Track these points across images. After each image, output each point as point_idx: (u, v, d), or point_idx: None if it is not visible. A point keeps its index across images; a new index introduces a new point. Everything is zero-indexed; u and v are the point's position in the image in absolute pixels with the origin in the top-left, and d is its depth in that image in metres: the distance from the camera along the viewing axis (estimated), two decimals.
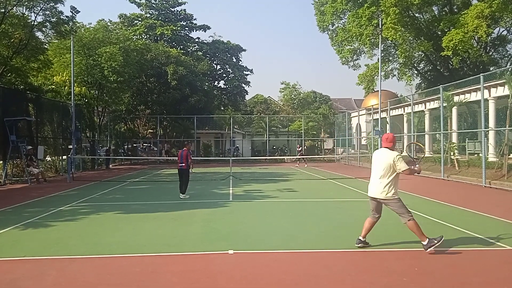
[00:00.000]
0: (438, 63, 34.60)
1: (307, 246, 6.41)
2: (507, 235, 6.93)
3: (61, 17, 19.90)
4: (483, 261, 5.58)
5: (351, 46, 36.33)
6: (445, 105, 18.72)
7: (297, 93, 48.42)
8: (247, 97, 49.83)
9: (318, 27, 37.87)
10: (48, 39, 21.42)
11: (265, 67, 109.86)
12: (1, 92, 17.34)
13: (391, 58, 36.32)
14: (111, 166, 28.17)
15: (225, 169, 22.30)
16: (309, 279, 4.89)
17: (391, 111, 27.29)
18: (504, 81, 16.32)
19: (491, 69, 28.77)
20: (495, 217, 8.56)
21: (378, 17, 26.19)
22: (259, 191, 13.66)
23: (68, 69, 24.19)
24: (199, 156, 33.95)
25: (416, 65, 36.36)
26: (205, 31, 46.78)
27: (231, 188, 14.51)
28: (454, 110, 20.22)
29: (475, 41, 28.73)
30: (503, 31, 32.27)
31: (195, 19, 45.75)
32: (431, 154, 23.74)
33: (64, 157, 22.35)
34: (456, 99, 19.87)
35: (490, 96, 18.81)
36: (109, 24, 32.72)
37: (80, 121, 24.91)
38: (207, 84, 39.70)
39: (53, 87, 23.85)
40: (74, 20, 22.04)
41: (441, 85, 19.12)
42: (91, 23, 29.45)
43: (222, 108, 45.26)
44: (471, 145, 21.23)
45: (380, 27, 25.18)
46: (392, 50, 35.55)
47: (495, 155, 17.40)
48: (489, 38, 29.22)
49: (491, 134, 18.24)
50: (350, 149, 34.14)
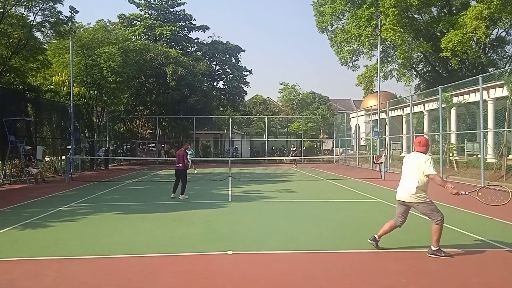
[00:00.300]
0: (437, 64, 34.67)
1: (306, 247, 6.41)
2: (506, 236, 6.95)
3: (60, 17, 19.90)
4: (481, 262, 5.59)
5: (350, 47, 36.39)
6: (444, 106, 18.73)
7: (296, 93, 48.47)
8: (246, 98, 49.83)
9: (317, 27, 37.93)
10: (47, 39, 21.44)
11: (264, 68, 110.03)
12: (0, 92, 17.32)
13: (390, 59, 36.37)
14: (110, 166, 28.13)
15: (224, 169, 22.28)
16: (308, 279, 4.89)
17: (390, 112, 27.29)
18: (503, 82, 16.36)
19: (490, 70, 28.85)
20: (493, 218, 8.56)
21: (377, 18, 26.21)
22: (258, 191, 13.66)
23: (67, 69, 24.17)
24: (198, 157, 33.98)
25: (415, 66, 36.42)
26: (204, 32, 46.79)
27: (230, 189, 14.50)
28: (453, 111, 20.25)
29: (474, 42, 28.79)
30: (502, 32, 32.39)
31: (194, 19, 45.76)
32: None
33: (63, 157, 22.33)
34: (455, 100, 19.89)
35: (489, 97, 18.84)
36: (108, 24, 32.67)
37: (79, 121, 24.88)
38: (206, 84, 39.66)
39: (52, 87, 23.82)
40: (73, 20, 22.06)
41: (440, 86, 19.15)
42: (90, 23, 29.43)
43: (221, 109, 45.26)
44: (470, 146, 21.25)
45: (379, 28, 25.21)
46: (391, 51, 35.60)
47: (493, 156, 17.42)
48: (488, 39, 29.30)
49: (490, 135, 18.27)
50: (349, 150, 34.18)
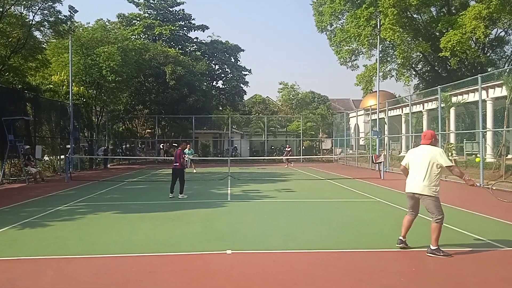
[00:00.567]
0: (436, 64, 34.70)
1: (305, 246, 6.41)
2: (504, 235, 6.96)
3: (59, 16, 19.88)
4: (480, 261, 5.59)
5: (350, 46, 36.44)
6: (443, 105, 18.75)
7: (296, 93, 48.50)
8: (246, 97, 49.88)
9: (317, 27, 37.97)
10: (46, 38, 21.40)
11: (264, 67, 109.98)
12: None
13: (389, 59, 36.41)
14: (109, 166, 28.11)
15: (223, 169, 22.29)
16: (307, 279, 4.89)
17: (389, 111, 27.30)
18: (502, 82, 16.39)
19: (489, 70, 28.88)
20: (492, 217, 8.58)
21: (376, 17, 26.22)
22: (257, 191, 13.66)
23: (66, 69, 24.13)
24: (197, 156, 33.96)
25: (414, 65, 36.45)
26: (203, 31, 46.77)
27: (229, 188, 14.50)
28: (452, 110, 20.28)
29: (473, 42, 28.83)
30: (501, 32, 32.45)
31: (193, 19, 45.75)
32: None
33: (62, 156, 22.31)
34: (454, 100, 19.92)
35: (488, 97, 18.86)
36: (107, 23, 32.57)
37: (78, 120, 24.85)
38: (205, 84, 39.64)
39: (51, 86, 23.79)
40: (72, 20, 22.03)
41: (439, 86, 19.16)
42: (89, 23, 29.34)
43: (221, 108, 45.25)
44: (469, 145, 21.27)
45: (378, 27, 25.22)
46: (390, 50, 35.63)
47: (492, 155, 17.44)
48: (487, 39, 29.35)
49: (489, 135, 18.29)
50: (348, 150, 34.19)
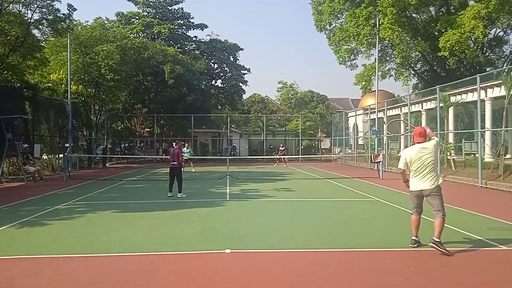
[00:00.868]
0: (435, 63, 34.71)
1: (303, 245, 6.41)
2: (503, 235, 6.97)
3: (58, 14, 19.81)
4: (478, 261, 5.60)
5: (349, 46, 36.41)
6: (441, 105, 18.75)
7: (294, 92, 48.50)
8: (245, 96, 49.87)
9: (316, 26, 37.96)
10: (44, 36, 21.36)
11: (263, 67, 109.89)
12: None
13: (388, 58, 36.40)
14: (107, 164, 28.09)
15: (222, 168, 22.29)
16: (305, 278, 4.89)
17: (388, 111, 27.35)
18: (501, 81, 16.39)
19: (488, 69, 28.89)
20: (491, 217, 8.59)
21: (376, 17, 26.21)
22: (256, 190, 13.66)
23: (64, 67, 24.07)
24: (196, 155, 33.92)
25: (413, 65, 36.46)
26: (202, 30, 46.74)
27: (228, 187, 14.50)
28: (451, 110, 20.28)
29: (471, 41, 28.85)
30: (499, 32, 32.47)
31: (192, 17, 45.67)
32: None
33: (61, 155, 22.28)
34: (453, 99, 19.92)
35: (486, 96, 18.87)
36: (106, 22, 32.60)
37: (77, 119, 24.80)
38: (204, 83, 39.62)
39: (50, 85, 23.71)
40: (71, 18, 21.95)
41: (438, 86, 19.16)
42: (88, 21, 29.45)
43: (219, 107, 45.22)
44: (467, 145, 21.28)
45: (377, 27, 25.21)
46: (389, 50, 35.63)
47: (491, 155, 17.45)
48: (486, 38, 29.36)
49: (488, 135, 18.30)
50: (347, 149, 34.20)
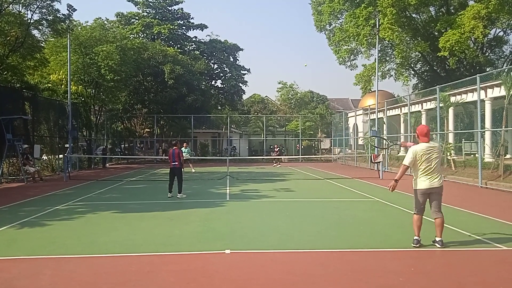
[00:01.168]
0: (435, 63, 34.71)
1: (303, 246, 6.41)
2: (503, 235, 6.96)
3: (58, 15, 19.82)
4: (479, 261, 5.60)
5: (348, 46, 36.39)
6: (441, 105, 18.76)
7: (294, 92, 48.50)
8: (244, 97, 49.86)
9: (316, 27, 37.95)
10: (44, 37, 21.34)
11: (262, 67, 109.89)
12: None
13: (388, 59, 36.39)
14: (107, 165, 28.09)
15: (222, 168, 22.28)
16: (305, 278, 4.89)
17: (388, 111, 27.35)
18: (501, 81, 16.38)
19: (488, 69, 28.89)
20: (491, 217, 8.59)
21: (375, 17, 26.22)
22: (256, 190, 13.65)
23: (64, 68, 24.08)
24: (196, 156, 33.93)
25: (413, 65, 36.46)
26: (202, 30, 46.72)
27: (228, 188, 14.50)
28: (451, 110, 20.28)
29: (471, 41, 28.85)
30: (499, 32, 32.46)
31: (192, 18, 45.65)
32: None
33: (61, 156, 22.28)
34: (453, 99, 19.91)
35: (486, 96, 18.87)
36: (106, 22, 32.52)
37: (77, 119, 24.81)
38: (204, 83, 39.61)
39: (50, 85, 23.74)
40: (71, 18, 21.97)
41: (437, 86, 19.15)
42: (88, 22, 29.37)
43: (219, 108, 45.20)
44: (467, 145, 21.27)
45: (377, 27, 25.22)
46: (389, 50, 35.62)
47: (491, 155, 17.45)
48: (486, 39, 29.35)
49: (487, 135, 18.30)
50: (347, 149, 34.20)
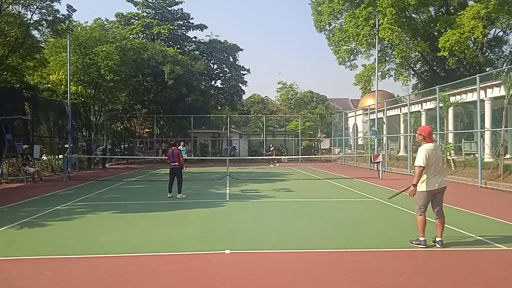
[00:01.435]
0: (435, 63, 34.73)
1: (303, 246, 6.41)
2: (503, 235, 6.96)
3: (58, 15, 19.79)
4: (479, 261, 5.60)
5: (348, 46, 36.42)
6: (441, 105, 18.77)
7: (294, 93, 48.49)
8: (244, 97, 49.82)
9: (315, 27, 37.97)
10: (44, 37, 21.31)
11: (262, 67, 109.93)
12: None
13: (387, 59, 36.42)
14: (107, 165, 28.08)
15: (222, 168, 22.29)
16: (305, 279, 4.89)
17: (387, 111, 27.35)
18: (500, 81, 16.39)
19: (487, 69, 28.91)
20: (491, 217, 8.59)
21: (375, 17, 26.23)
22: (255, 191, 13.65)
23: (64, 68, 24.07)
24: (195, 156, 33.96)
25: (412, 65, 36.49)
26: (202, 31, 46.68)
27: (227, 188, 14.49)
28: (451, 110, 20.29)
29: (471, 41, 28.87)
30: (499, 32, 32.50)
31: (192, 18, 45.64)
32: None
33: (60, 156, 22.27)
34: (453, 99, 19.92)
35: (486, 96, 18.88)
36: (105, 23, 32.49)
37: (77, 120, 24.80)
38: (204, 83, 39.59)
39: (49, 86, 23.72)
40: (71, 19, 21.96)
41: (437, 86, 19.15)
42: (87, 22, 29.30)
43: (219, 108, 45.19)
44: (467, 145, 21.28)
45: (377, 27, 25.24)
46: (389, 50, 35.65)
47: (491, 155, 17.46)
48: (485, 39, 29.37)
49: (487, 135, 18.31)
50: (347, 149, 34.21)
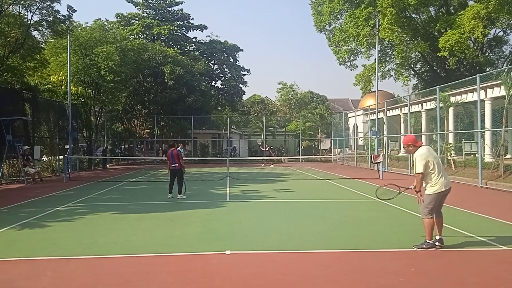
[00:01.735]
0: (435, 63, 34.72)
1: (303, 246, 6.41)
2: (503, 235, 6.96)
3: (58, 16, 19.85)
4: (479, 261, 5.60)
5: (348, 46, 36.43)
6: (441, 105, 18.76)
7: (294, 93, 48.50)
8: (244, 97, 49.90)
9: (315, 27, 37.98)
10: (44, 38, 21.37)
11: (262, 67, 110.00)
12: None
13: (388, 59, 36.42)
14: (108, 166, 28.08)
15: (222, 169, 22.29)
16: (305, 279, 4.89)
17: (388, 111, 27.34)
18: (500, 81, 16.39)
19: (487, 69, 28.90)
20: (491, 217, 8.59)
21: (375, 17, 26.23)
22: (256, 191, 13.65)
23: (64, 69, 24.09)
24: (196, 156, 33.97)
25: (412, 65, 36.48)
26: (202, 31, 46.72)
27: (228, 188, 14.49)
28: (451, 110, 20.29)
29: (471, 41, 28.86)
30: (499, 32, 32.48)
31: (192, 18, 45.69)
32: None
33: (61, 157, 22.28)
34: (453, 99, 19.92)
35: (486, 96, 18.87)
36: (106, 23, 32.54)
37: (77, 120, 24.82)
38: (204, 84, 39.62)
39: (50, 86, 23.74)
40: (71, 19, 21.98)
41: (437, 86, 19.16)
42: (87, 23, 29.38)
43: (219, 108, 45.21)
44: (467, 145, 21.28)
45: (377, 27, 25.23)
46: (389, 50, 35.65)
47: (491, 155, 17.46)
48: (486, 39, 29.36)
49: (488, 135, 18.30)
50: (347, 150, 34.20)
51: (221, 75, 46.98)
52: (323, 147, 42.32)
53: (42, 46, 21.28)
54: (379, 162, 18.92)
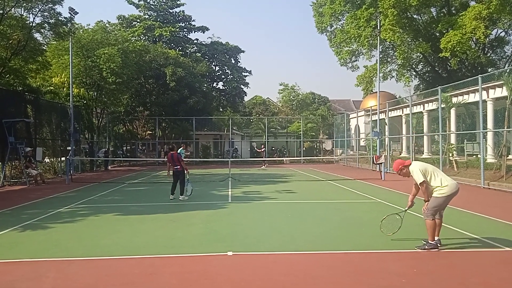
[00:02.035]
0: (437, 64, 34.68)
1: (305, 247, 6.41)
2: (505, 236, 6.95)
3: (60, 18, 19.87)
4: (481, 262, 5.59)
5: (350, 47, 36.45)
6: (443, 106, 18.73)
7: (296, 94, 48.50)
8: (246, 99, 49.92)
9: (317, 28, 38.01)
10: (46, 40, 21.39)
11: (264, 69, 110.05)
12: None
13: (389, 60, 36.41)
14: (109, 167, 28.11)
15: (224, 170, 22.27)
16: (307, 280, 4.89)
17: (389, 112, 27.29)
18: (502, 82, 16.36)
19: (489, 70, 28.86)
20: (493, 218, 8.57)
21: (376, 18, 26.23)
22: (257, 192, 13.66)
23: (66, 71, 24.16)
24: (197, 157, 33.98)
25: (414, 66, 36.44)
26: (203, 32, 46.87)
27: (229, 190, 14.49)
28: (453, 111, 20.27)
29: (473, 42, 28.81)
30: (501, 32, 32.41)
31: (193, 20, 45.86)
32: (430, 156, 23.79)
33: (63, 158, 22.32)
34: (455, 100, 19.89)
35: (488, 97, 18.85)
36: (107, 25, 32.65)
37: (79, 122, 24.86)
38: (205, 85, 39.68)
39: (52, 88, 23.77)
40: (73, 22, 22.04)
41: (439, 86, 19.14)
42: (89, 25, 29.43)
43: (221, 110, 45.28)
44: (469, 146, 21.24)
45: (379, 28, 25.23)
46: (391, 51, 35.64)
47: (493, 156, 17.42)
48: (487, 39, 29.31)
49: (490, 135, 18.28)
50: (349, 150, 34.17)
51: (223, 76, 47.05)
52: (325, 148, 42.27)
53: (44, 48, 21.31)
54: (381, 163, 18.90)
